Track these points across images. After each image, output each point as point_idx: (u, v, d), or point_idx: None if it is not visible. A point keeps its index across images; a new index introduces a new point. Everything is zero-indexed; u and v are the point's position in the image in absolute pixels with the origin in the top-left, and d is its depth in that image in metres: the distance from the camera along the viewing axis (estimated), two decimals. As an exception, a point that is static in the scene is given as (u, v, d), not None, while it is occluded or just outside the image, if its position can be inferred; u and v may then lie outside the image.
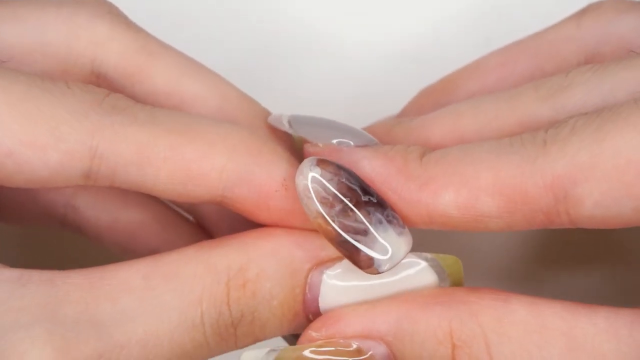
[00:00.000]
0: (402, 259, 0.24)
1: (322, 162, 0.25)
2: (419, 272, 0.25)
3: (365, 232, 0.24)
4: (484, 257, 0.35)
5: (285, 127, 0.27)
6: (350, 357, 0.24)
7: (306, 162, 0.25)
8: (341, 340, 0.25)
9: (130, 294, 0.24)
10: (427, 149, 0.26)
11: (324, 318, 0.25)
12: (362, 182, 0.25)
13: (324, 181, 0.24)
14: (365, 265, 0.24)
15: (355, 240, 0.24)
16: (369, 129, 0.29)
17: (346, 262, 0.25)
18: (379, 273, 0.24)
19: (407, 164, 0.25)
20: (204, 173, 0.24)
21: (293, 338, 0.31)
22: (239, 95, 0.28)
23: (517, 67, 0.30)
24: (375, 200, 0.24)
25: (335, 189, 0.24)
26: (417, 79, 0.34)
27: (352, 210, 0.24)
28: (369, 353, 0.24)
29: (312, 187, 0.24)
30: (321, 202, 0.24)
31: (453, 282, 0.26)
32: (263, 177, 0.25)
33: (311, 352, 0.25)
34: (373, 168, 0.25)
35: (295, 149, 0.27)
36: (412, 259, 0.26)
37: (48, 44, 0.27)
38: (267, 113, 0.29)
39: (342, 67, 0.37)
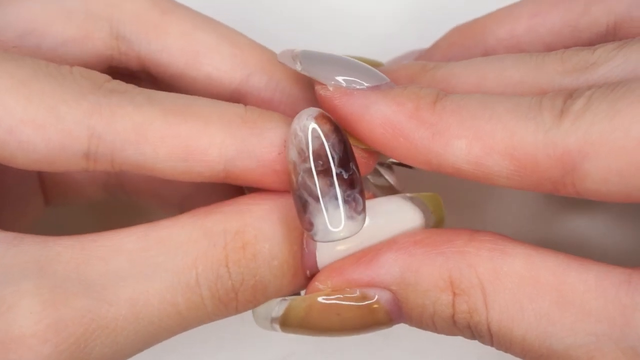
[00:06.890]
0: (338, 240, 0.25)
1: (321, 119, 0.25)
2: (404, 209, 0.27)
3: (317, 199, 0.24)
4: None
5: (294, 65, 0.27)
6: (358, 302, 0.25)
7: (309, 111, 0.25)
8: (347, 289, 0.26)
9: (123, 256, 0.25)
10: (441, 92, 0.25)
11: (329, 270, 0.26)
12: (347, 153, 0.25)
13: (310, 136, 0.25)
14: (305, 227, 0.25)
15: (307, 201, 0.25)
16: (394, 70, 0.29)
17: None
18: (314, 240, 0.25)
19: (419, 110, 0.25)
20: (203, 149, 0.25)
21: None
22: (251, 43, 0.29)
23: (548, 20, 0.30)
24: (346, 177, 0.24)
25: (313, 148, 0.25)
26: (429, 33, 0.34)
27: (315, 174, 0.24)
28: (375, 297, 0.26)
29: (298, 135, 0.25)
30: (298, 152, 0.25)
31: (437, 217, 0.27)
32: (262, 145, 0.25)
33: (321, 299, 0.26)
34: (384, 115, 0.25)
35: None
36: (395, 198, 0.27)
37: (67, 12, 0.28)
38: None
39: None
